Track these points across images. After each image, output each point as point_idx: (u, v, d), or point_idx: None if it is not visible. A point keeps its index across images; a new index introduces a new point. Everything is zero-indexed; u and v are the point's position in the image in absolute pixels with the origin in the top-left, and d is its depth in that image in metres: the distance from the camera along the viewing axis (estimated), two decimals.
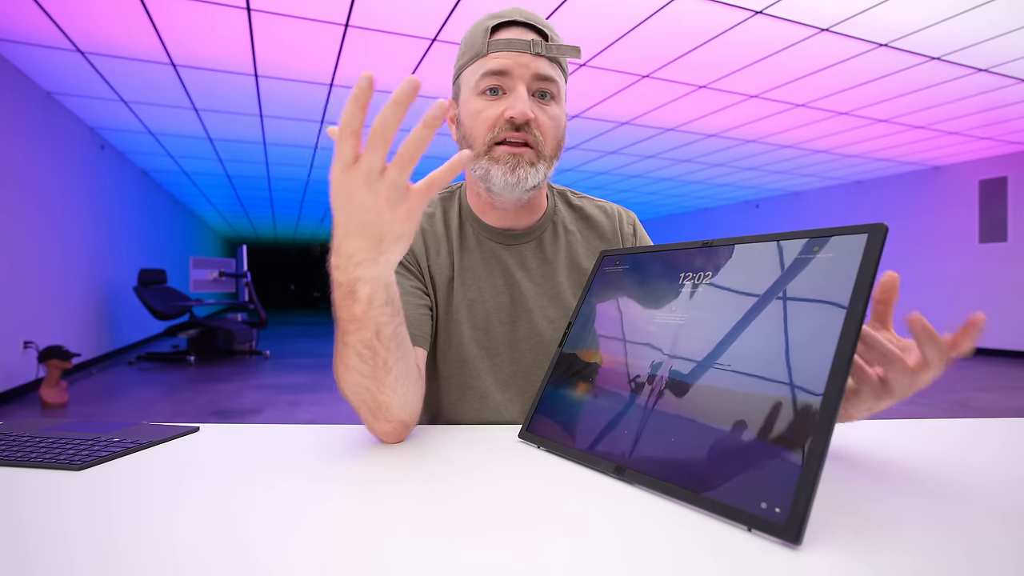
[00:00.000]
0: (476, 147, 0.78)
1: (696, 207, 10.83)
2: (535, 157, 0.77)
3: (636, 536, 0.43)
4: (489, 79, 0.76)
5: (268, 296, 20.68)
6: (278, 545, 0.41)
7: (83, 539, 0.42)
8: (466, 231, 0.88)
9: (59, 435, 0.68)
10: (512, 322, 0.86)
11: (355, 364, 0.62)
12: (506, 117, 0.76)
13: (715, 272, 0.59)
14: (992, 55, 3.79)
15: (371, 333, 0.60)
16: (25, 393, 4.34)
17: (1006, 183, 6.60)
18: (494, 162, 0.77)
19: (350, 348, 0.61)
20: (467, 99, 0.79)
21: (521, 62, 0.76)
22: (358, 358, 0.61)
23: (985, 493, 0.52)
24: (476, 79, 0.77)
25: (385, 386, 0.63)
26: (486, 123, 0.77)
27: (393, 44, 3.62)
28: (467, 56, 0.80)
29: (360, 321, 0.59)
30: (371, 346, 0.60)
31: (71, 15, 3.26)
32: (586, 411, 0.64)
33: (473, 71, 0.78)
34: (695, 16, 3.27)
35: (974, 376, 5.33)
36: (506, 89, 0.77)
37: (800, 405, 0.45)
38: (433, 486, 0.54)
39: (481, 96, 0.78)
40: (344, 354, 0.62)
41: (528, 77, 0.76)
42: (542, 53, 0.76)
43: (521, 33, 0.77)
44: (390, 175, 0.51)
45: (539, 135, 0.77)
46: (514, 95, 0.76)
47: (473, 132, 0.78)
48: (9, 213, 4.08)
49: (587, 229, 0.93)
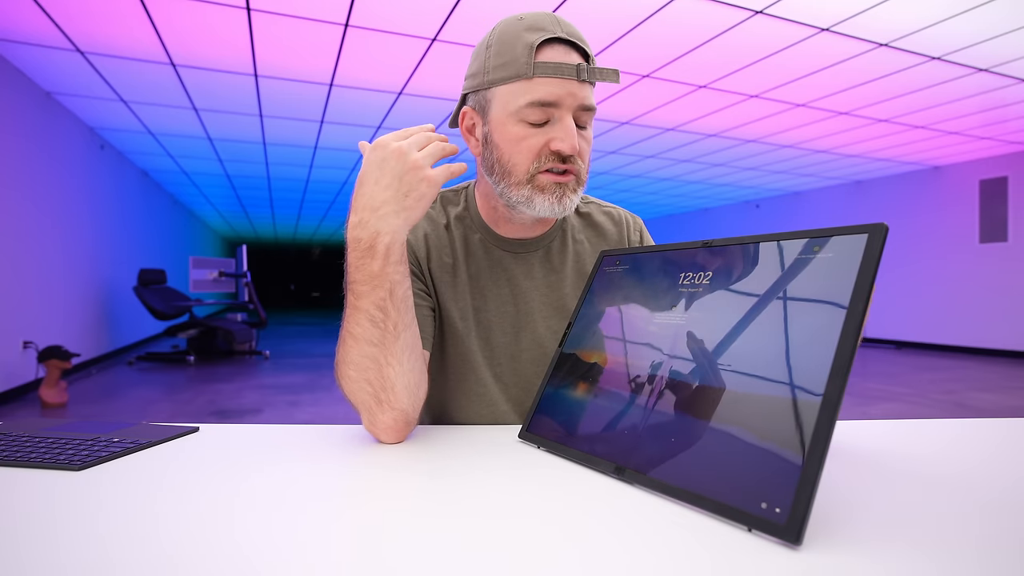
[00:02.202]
0: (517, 175, 0.75)
1: (696, 207, 10.84)
2: (577, 184, 0.77)
3: (636, 536, 0.43)
4: (536, 110, 0.72)
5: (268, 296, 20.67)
6: (278, 545, 0.41)
7: (83, 539, 0.42)
8: (472, 238, 0.87)
9: (59, 435, 0.68)
10: (515, 332, 0.86)
11: (365, 331, 0.65)
12: (553, 149, 0.73)
13: (715, 272, 0.59)
14: (992, 55, 3.79)
15: (385, 292, 0.65)
16: (25, 393, 4.34)
17: (1006, 183, 6.60)
18: (539, 191, 0.75)
19: (362, 313, 0.65)
20: (503, 121, 0.75)
21: (570, 91, 0.72)
22: (370, 323, 0.65)
23: (985, 493, 0.52)
24: (520, 105, 0.72)
25: (392, 356, 0.66)
26: (531, 152, 0.74)
27: (393, 44, 3.62)
28: (505, 72, 0.73)
29: (376, 279, 0.64)
30: (383, 307, 0.65)
31: (71, 15, 3.26)
32: (586, 411, 0.64)
33: (514, 93, 0.73)
34: (695, 16, 3.27)
35: (974, 376, 5.33)
36: (550, 118, 0.73)
37: (800, 405, 0.45)
38: (433, 486, 0.54)
39: (523, 124, 0.74)
40: (354, 322, 0.66)
41: (575, 107, 0.73)
42: (587, 79, 0.73)
43: (566, 54, 0.73)
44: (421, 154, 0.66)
45: (581, 164, 0.76)
46: (561, 126, 0.73)
47: (513, 159, 0.75)
48: (9, 213, 4.08)
49: (595, 237, 0.92)
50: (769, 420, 0.46)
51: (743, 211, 10.14)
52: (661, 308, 0.63)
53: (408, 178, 0.65)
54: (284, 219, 12.57)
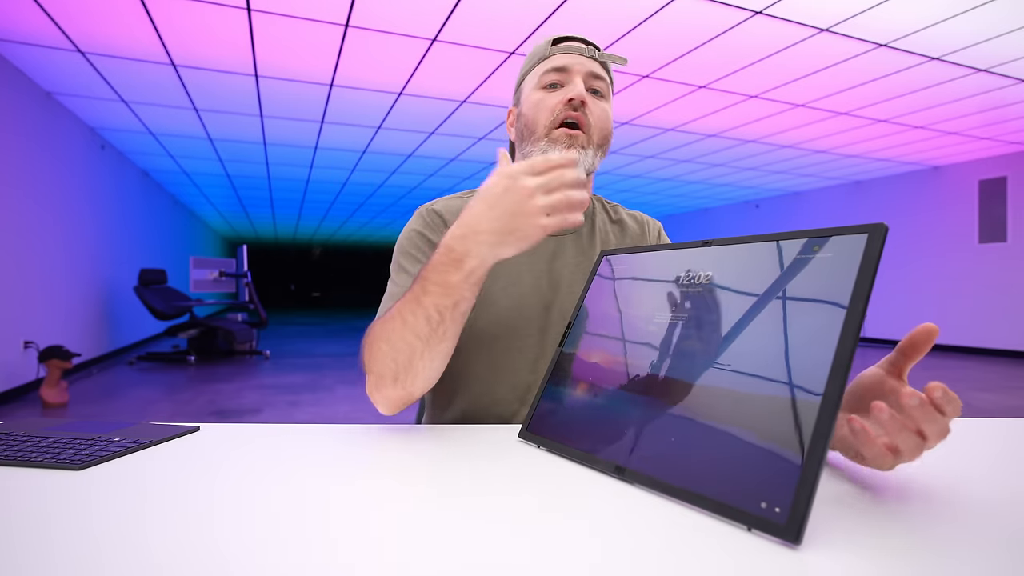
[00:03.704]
0: (537, 131, 0.87)
1: (696, 207, 10.84)
2: (587, 141, 0.86)
3: (636, 536, 0.43)
4: (551, 75, 0.88)
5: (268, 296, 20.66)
6: (278, 544, 0.41)
7: (83, 539, 0.42)
8: None
9: (59, 435, 0.68)
10: (546, 306, 0.89)
11: (418, 323, 0.67)
12: (566, 99, 0.85)
13: (715, 272, 0.59)
14: (992, 55, 3.79)
15: (451, 302, 0.66)
16: (25, 393, 4.34)
17: (1006, 183, 6.60)
18: (552, 143, 0.85)
19: (421, 308, 0.67)
20: (528, 95, 0.90)
21: (579, 61, 0.88)
22: (425, 319, 0.67)
23: (985, 493, 0.52)
24: (539, 76, 0.89)
25: (427, 352, 0.69)
26: (547, 109, 0.86)
27: (393, 44, 3.62)
28: (530, 63, 0.92)
29: (450, 289, 0.66)
30: (443, 313, 0.67)
31: (71, 15, 3.26)
32: (586, 411, 0.64)
33: (535, 72, 0.90)
34: (695, 16, 3.27)
35: (974, 376, 5.33)
36: (564, 84, 0.87)
37: (800, 405, 0.45)
38: (433, 486, 0.54)
39: (543, 89, 0.88)
40: (410, 311, 0.68)
41: (584, 73, 0.87)
42: (596, 57, 0.89)
43: (578, 44, 0.90)
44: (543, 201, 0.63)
45: (591, 120, 0.86)
46: (572, 84, 0.86)
47: (535, 118, 0.87)
48: (10, 213, 4.08)
49: (619, 231, 0.99)
50: (769, 420, 0.47)
51: (743, 211, 10.14)
52: (661, 307, 0.63)
53: (520, 220, 0.63)
54: (284, 219, 12.58)
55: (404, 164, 6.99)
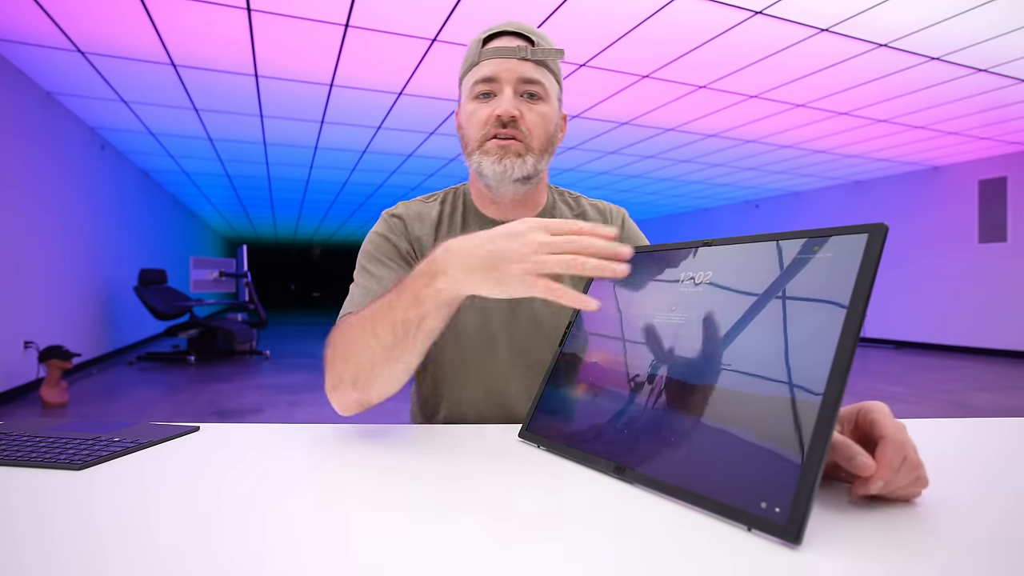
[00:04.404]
0: (471, 145, 0.86)
1: (696, 207, 10.83)
2: (523, 149, 0.84)
3: (636, 536, 0.43)
4: (480, 85, 0.85)
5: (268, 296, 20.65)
6: (279, 544, 0.41)
7: (83, 539, 0.42)
8: (469, 224, 0.93)
9: (59, 435, 0.68)
10: (512, 308, 0.89)
11: (384, 330, 0.66)
12: (494, 115, 0.83)
13: (715, 272, 0.59)
14: (992, 55, 3.79)
15: (417, 316, 0.64)
16: (25, 393, 4.33)
17: (1006, 183, 6.60)
18: (485, 155, 0.84)
19: (390, 316, 0.66)
20: (464, 104, 0.88)
21: (507, 67, 0.83)
22: (391, 328, 0.66)
23: (985, 493, 0.52)
24: (470, 86, 0.86)
25: (388, 365, 0.68)
26: (478, 123, 0.85)
27: (393, 44, 3.62)
28: (465, 66, 0.89)
29: (418, 301, 0.64)
30: (408, 327, 0.65)
31: (71, 15, 3.26)
32: (586, 411, 0.64)
33: (468, 79, 0.87)
34: (695, 16, 3.27)
35: (974, 376, 5.33)
36: (496, 93, 0.84)
37: (800, 405, 0.45)
38: (433, 486, 0.54)
39: (475, 100, 0.86)
40: (380, 317, 0.67)
41: (515, 80, 0.84)
42: (527, 57, 0.84)
43: (509, 41, 0.85)
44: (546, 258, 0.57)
45: (526, 131, 0.84)
46: (502, 96, 0.84)
47: (468, 132, 0.87)
48: (10, 213, 4.08)
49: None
50: (769, 420, 0.47)
51: (743, 211, 10.14)
52: (661, 307, 0.63)
53: (505, 265, 0.58)
54: (284, 219, 12.57)
55: (404, 164, 6.99)
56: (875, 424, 0.49)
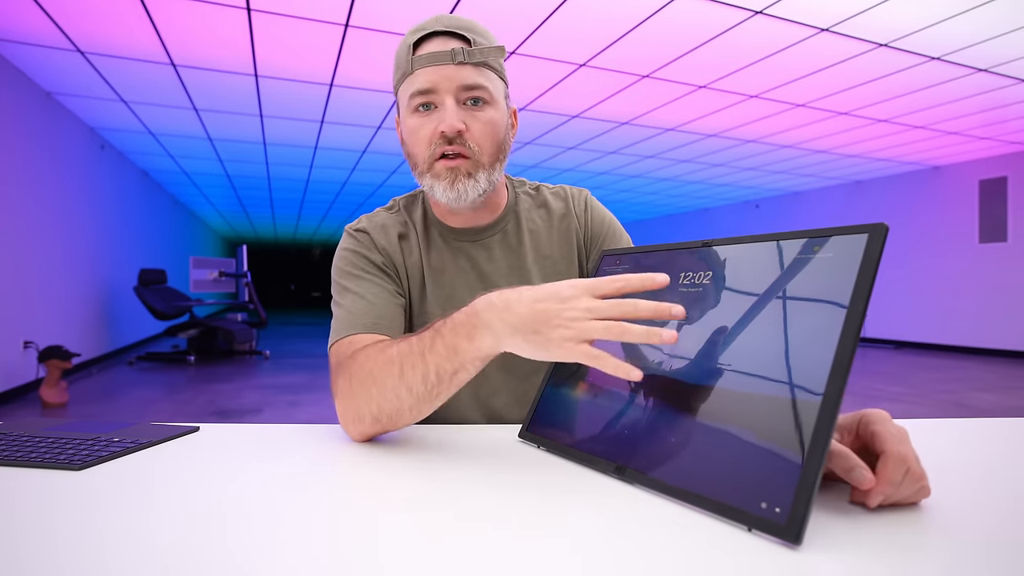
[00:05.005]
0: (420, 165, 0.81)
1: (696, 207, 10.83)
2: (472, 167, 0.79)
3: (636, 536, 0.43)
4: (418, 98, 0.77)
5: (268, 296, 20.66)
6: (278, 544, 0.41)
7: (83, 539, 0.42)
8: (432, 232, 0.91)
9: (59, 435, 0.68)
10: None
11: (415, 378, 0.63)
12: (438, 132, 0.77)
13: (715, 272, 0.59)
14: (992, 55, 3.79)
15: (452, 368, 0.62)
16: (25, 393, 4.33)
17: (1006, 183, 6.60)
18: (436, 178, 0.79)
19: (423, 364, 0.63)
20: (404, 118, 0.81)
21: (445, 75, 0.76)
22: (423, 378, 0.63)
23: (985, 493, 0.52)
24: (407, 98, 0.79)
25: (414, 410, 0.65)
26: (423, 141, 0.79)
27: (393, 44, 3.62)
28: (397, 75, 0.81)
29: (455, 354, 0.61)
30: (441, 377, 0.62)
31: (71, 15, 3.26)
32: (586, 411, 0.64)
33: (404, 90, 0.79)
34: (695, 16, 3.27)
35: (974, 376, 5.33)
36: (436, 104, 0.78)
37: (800, 405, 0.45)
38: (433, 486, 0.54)
39: (415, 114, 0.79)
40: (411, 364, 0.63)
41: (454, 89, 0.76)
42: (465, 61, 0.76)
43: (442, 43, 0.77)
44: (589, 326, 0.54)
45: (473, 145, 0.78)
46: (443, 109, 0.77)
47: (414, 150, 0.81)
48: (9, 213, 4.08)
49: (546, 215, 0.94)
50: (769, 420, 0.47)
51: (743, 211, 10.14)
52: None
53: (548, 329, 0.55)
54: (284, 219, 12.57)
55: (404, 164, 6.99)
56: (876, 436, 0.48)
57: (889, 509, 0.47)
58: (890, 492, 0.46)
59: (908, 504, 0.48)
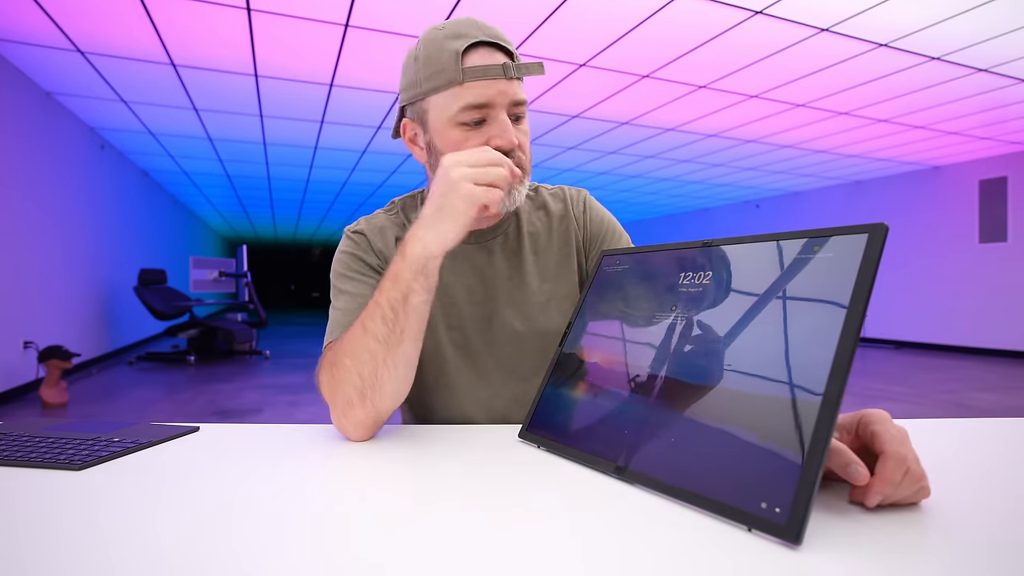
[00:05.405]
0: None
1: (696, 207, 10.83)
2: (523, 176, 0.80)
3: (636, 536, 0.43)
4: (471, 112, 0.75)
5: (268, 296, 20.66)
6: (278, 544, 0.41)
7: (83, 539, 0.42)
8: None
9: (59, 435, 0.68)
10: (487, 318, 0.88)
11: (376, 325, 0.68)
12: (494, 147, 0.75)
13: (715, 272, 0.59)
14: (992, 55, 3.79)
15: (400, 294, 0.68)
16: (25, 393, 4.33)
17: (1006, 183, 6.60)
18: None
19: (377, 308, 0.69)
20: (442, 129, 0.78)
21: (500, 90, 0.75)
22: (381, 319, 0.68)
23: (985, 493, 0.52)
24: (456, 110, 0.75)
25: (391, 358, 0.69)
26: None
27: (393, 44, 3.62)
28: (438, 81, 0.76)
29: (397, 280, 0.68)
30: (395, 308, 0.68)
31: (71, 15, 3.26)
32: (586, 411, 0.64)
33: (448, 100, 0.76)
34: (695, 16, 3.27)
35: (974, 376, 5.33)
36: (487, 118, 0.76)
37: (800, 405, 0.45)
38: (434, 486, 0.54)
39: (461, 127, 0.76)
40: (368, 314, 0.69)
41: (507, 104, 0.76)
42: (515, 76, 0.76)
43: (489, 55, 0.76)
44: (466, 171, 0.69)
45: (522, 156, 0.79)
46: (497, 124, 0.76)
47: None
48: (9, 213, 4.08)
49: (545, 217, 0.94)
50: (769, 420, 0.46)
51: (743, 211, 10.14)
52: (661, 307, 0.63)
53: (449, 195, 0.67)
54: (284, 219, 12.57)
55: (404, 164, 6.99)
56: (875, 436, 0.48)
57: (889, 509, 0.47)
58: (889, 492, 0.46)
59: (908, 504, 0.48)
